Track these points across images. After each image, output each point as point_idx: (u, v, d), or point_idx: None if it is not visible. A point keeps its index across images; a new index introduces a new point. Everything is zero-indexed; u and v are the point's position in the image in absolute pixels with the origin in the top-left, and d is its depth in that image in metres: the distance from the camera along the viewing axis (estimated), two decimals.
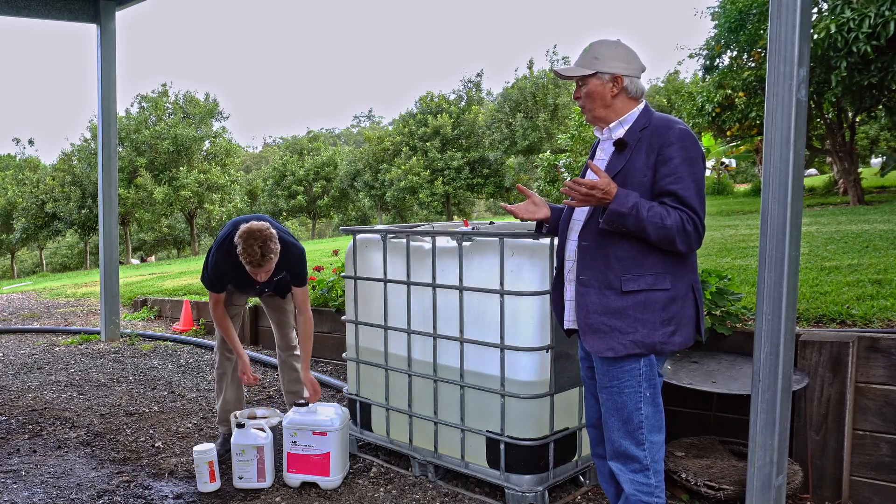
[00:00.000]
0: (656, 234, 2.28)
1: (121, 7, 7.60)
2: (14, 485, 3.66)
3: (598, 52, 2.45)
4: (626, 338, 2.37)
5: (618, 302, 2.38)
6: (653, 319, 2.37)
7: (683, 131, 2.35)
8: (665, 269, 2.37)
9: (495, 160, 29.65)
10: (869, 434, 3.16)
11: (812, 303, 3.94)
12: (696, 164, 2.34)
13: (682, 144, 2.33)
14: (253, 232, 3.42)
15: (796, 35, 2.58)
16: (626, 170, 2.38)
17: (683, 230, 2.28)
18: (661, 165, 2.33)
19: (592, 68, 2.44)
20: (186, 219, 32.28)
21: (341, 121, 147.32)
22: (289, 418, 3.59)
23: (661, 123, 2.39)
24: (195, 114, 29.58)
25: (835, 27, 8.72)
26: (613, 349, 2.38)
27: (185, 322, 7.61)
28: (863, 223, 7.44)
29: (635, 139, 2.40)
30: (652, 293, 2.37)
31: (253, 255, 3.40)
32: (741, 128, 12.35)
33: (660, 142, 2.34)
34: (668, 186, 2.31)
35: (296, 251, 3.78)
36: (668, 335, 2.39)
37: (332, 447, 3.53)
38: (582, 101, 2.51)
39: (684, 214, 2.28)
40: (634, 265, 2.36)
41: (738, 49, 11.50)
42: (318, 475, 3.55)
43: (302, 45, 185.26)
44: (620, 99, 2.45)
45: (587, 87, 2.47)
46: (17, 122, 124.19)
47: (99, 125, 7.54)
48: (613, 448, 2.49)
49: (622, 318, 2.38)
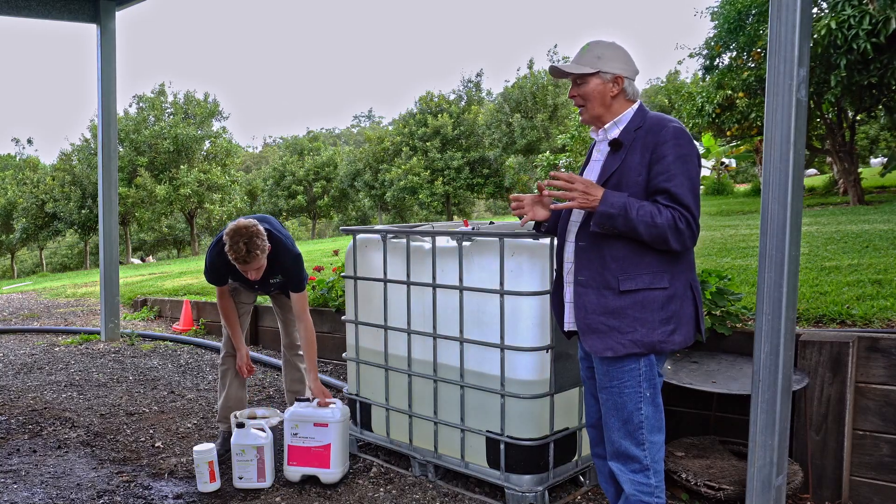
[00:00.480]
0: (648, 233, 2.28)
1: (121, 7, 7.60)
2: (14, 485, 3.66)
3: (600, 51, 2.44)
4: (626, 337, 2.37)
5: (616, 302, 2.38)
6: (651, 318, 2.36)
7: (677, 129, 2.35)
8: (662, 267, 2.37)
9: (495, 160, 29.66)
10: (869, 434, 3.16)
11: (812, 303, 3.94)
12: (690, 161, 2.34)
13: (675, 142, 2.33)
14: (239, 229, 3.45)
15: (796, 35, 2.57)
16: (621, 170, 2.38)
17: (676, 228, 2.27)
18: (654, 164, 2.33)
19: (594, 67, 2.43)
20: (186, 219, 32.28)
21: (341, 121, 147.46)
22: (290, 411, 3.60)
23: (655, 122, 2.40)
24: (196, 114, 29.59)
25: (835, 24, 8.72)
26: (613, 349, 2.38)
27: (184, 322, 7.61)
28: (863, 223, 7.44)
29: (630, 139, 2.40)
30: (650, 292, 2.36)
31: (238, 251, 3.42)
32: (741, 128, 12.36)
33: (654, 140, 2.35)
34: (661, 184, 2.31)
35: (290, 254, 3.76)
36: (668, 334, 2.38)
37: (333, 439, 3.54)
38: (580, 99, 2.49)
39: (676, 213, 2.28)
40: (631, 264, 2.36)
41: (738, 49, 11.50)
42: (318, 467, 3.55)
43: (302, 45, 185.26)
44: (618, 100, 2.46)
45: (587, 86, 2.46)
46: (17, 122, 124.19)
47: (99, 125, 7.54)
48: (613, 448, 2.49)
49: (621, 317, 2.37)
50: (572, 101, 2.54)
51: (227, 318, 3.98)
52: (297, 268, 3.81)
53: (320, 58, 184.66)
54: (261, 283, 3.86)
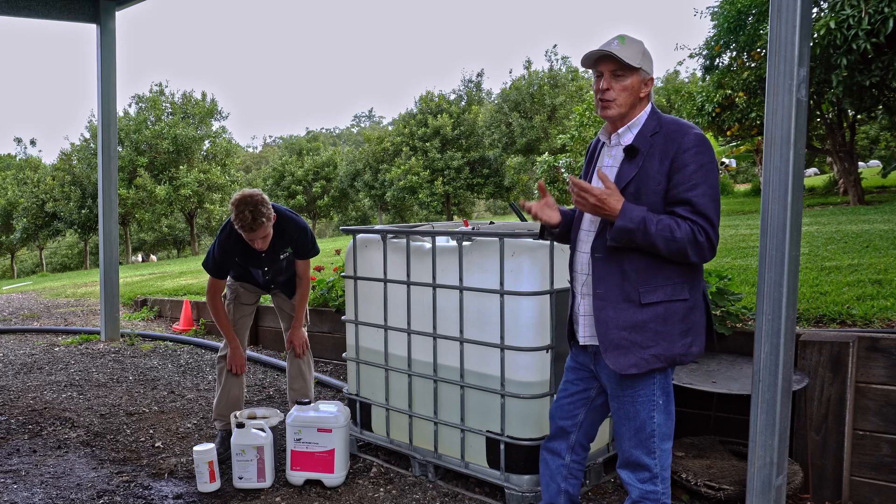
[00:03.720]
0: (667, 247, 2.21)
1: (121, 7, 7.59)
2: (14, 485, 3.66)
3: (640, 48, 2.33)
4: (647, 352, 2.31)
5: (638, 315, 2.30)
6: (672, 332, 2.31)
7: (699, 136, 2.27)
8: (682, 278, 2.31)
9: (495, 160, 29.66)
10: (869, 434, 3.16)
11: (812, 303, 3.94)
12: (712, 170, 2.26)
13: (697, 150, 2.25)
14: (244, 198, 3.57)
15: (796, 35, 2.57)
16: (639, 177, 2.30)
17: (695, 241, 2.21)
18: (675, 173, 2.25)
19: (639, 63, 2.32)
20: (186, 219, 32.29)
21: (341, 121, 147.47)
22: (293, 415, 3.59)
23: (674, 129, 2.31)
24: (195, 114, 29.59)
25: (834, 24, 8.72)
26: (637, 365, 2.31)
27: (184, 322, 7.61)
28: (863, 223, 7.44)
29: (647, 145, 2.31)
30: (672, 304, 2.30)
31: (244, 219, 3.53)
32: (741, 128, 12.35)
33: (675, 148, 2.26)
34: (683, 194, 2.23)
35: (296, 225, 3.91)
36: (687, 346, 2.33)
37: (337, 444, 3.54)
38: (613, 93, 2.32)
39: (696, 225, 2.21)
40: (652, 276, 2.29)
41: (738, 49, 11.50)
42: (322, 472, 3.55)
43: (302, 45, 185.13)
44: (643, 101, 2.37)
45: (626, 81, 2.31)
46: (17, 121, 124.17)
47: (99, 125, 7.53)
48: (624, 457, 2.45)
49: (642, 331, 2.30)
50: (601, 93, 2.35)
51: (217, 313, 4.01)
52: (305, 237, 3.93)
53: (320, 58, 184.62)
54: (271, 258, 3.91)
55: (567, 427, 2.65)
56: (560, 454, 2.67)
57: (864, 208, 10.08)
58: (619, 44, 2.32)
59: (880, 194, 12.95)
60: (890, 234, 6.14)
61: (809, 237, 6.43)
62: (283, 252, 3.93)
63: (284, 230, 3.86)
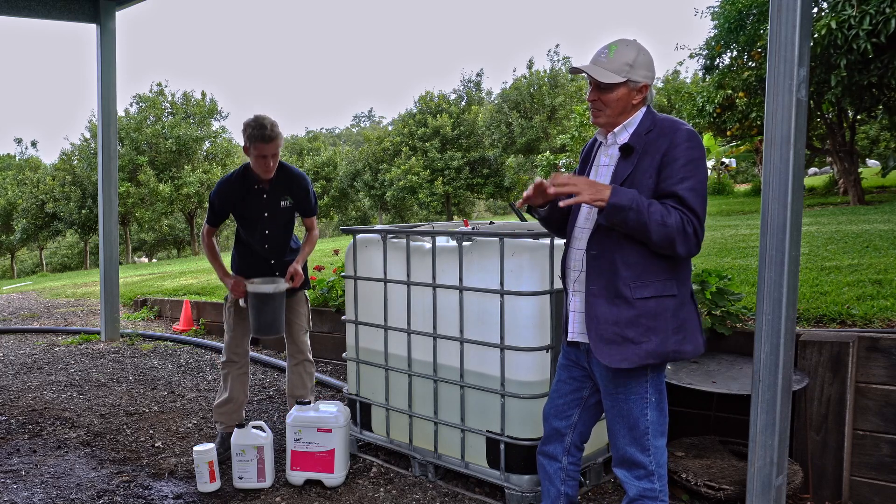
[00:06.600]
0: (658, 232, 2.21)
1: (121, 7, 7.59)
2: (14, 485, 3.66)
3: (630, 56, 2.33)
4: (640, 348, 2.32)
5: (629, 311, 2.32)
6: (665, 327, 2.32)
7: (689, 132, 2.30)
8: (670, 274, 2.33)
9: (495, 160, 29.66)
10: (869, 434, 3.16)
11: (812, 303, 3.94)
12: (701, 167, 2.29)
13: (687, 145, 2.28)
14: (259, 115, 3.79)
15: (796, 35, 2.57)
16: (634, 175, 2.32)
17: (684, 231, 2.22)
18: (665, 166, 2.28)
19: (625, 75, 2.33)
20: (186, 219, 32.28)
21: (341, 121, 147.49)
22: (293, 416, 3.60)
23: (666, 125, 2.34)
24: (195, 113, 29.58)
25: (835, 24, 8.72)
26: (629, 360, 2.32)
27: (184, 322, 7.61)
28: (863, 223, 7.45)
29: (641, 143, 2.34)
30: (662, 300, 2.32)
31: (263, 127, 3.68)
32: (741, 128, 12.36)
33: (666, 143, 2.29)
34: (671, 187, 2.26)
35: (299, 175, 4.00)
36: (680, 343, 2.34)
37: (337, 444, 3.54)
38: (600, 104, 2.37)
39: (685, 217, 2.23)
40: (643, 271, 2.31)
41: (738, 49, 11.50)
42: (322, 472, 3.55)
43: (302, 45, 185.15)
44: (638, 106, 2.39)
45: (612, 94, 2.33)
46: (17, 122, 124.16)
47: (99, 125, 7.53)
48: (619, 455, 2.46)
49: (634, 327, 2.32)
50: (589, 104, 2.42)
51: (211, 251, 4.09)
52: (305, 184, 3.99)
53: (320, 58, 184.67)
54: (271, 204, 3.90)
55: (561, 428, 2.65)
56: (556, 458, 2.67)
57: (863, 208, 10.08)
58: (608, 55, 2.34)
59: (880, 194, 12.96)
60: (890, 234, 6.14)
61: (809, 237, 6.44)
62: (282, 199, 3.93)
63: (289, 177, 3.94)
